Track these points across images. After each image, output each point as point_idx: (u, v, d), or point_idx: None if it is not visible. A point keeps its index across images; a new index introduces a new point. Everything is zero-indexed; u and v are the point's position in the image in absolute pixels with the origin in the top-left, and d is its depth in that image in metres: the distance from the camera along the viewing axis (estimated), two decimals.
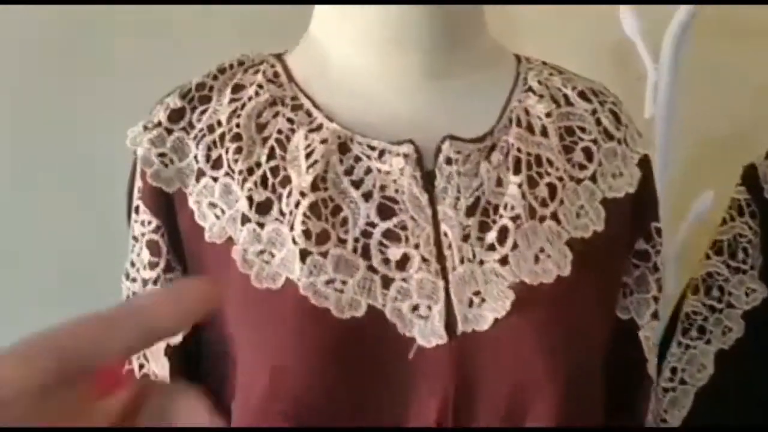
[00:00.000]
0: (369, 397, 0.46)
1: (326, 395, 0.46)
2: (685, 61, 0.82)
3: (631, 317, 0.58)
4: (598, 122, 0.55)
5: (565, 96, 0.55)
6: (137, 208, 0.55)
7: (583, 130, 0.55)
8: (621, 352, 0.56)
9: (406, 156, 0.50)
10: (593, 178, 0.54)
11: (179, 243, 0.53)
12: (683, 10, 0.80)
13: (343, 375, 0.46)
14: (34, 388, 0.23)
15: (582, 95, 0.56)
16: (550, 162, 0.52)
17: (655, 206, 0.58)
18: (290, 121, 0.52)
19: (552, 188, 0.52)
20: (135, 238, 0.55)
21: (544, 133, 0.53)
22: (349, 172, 0.50)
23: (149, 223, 0.53)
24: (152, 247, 0.53)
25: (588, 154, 0.54)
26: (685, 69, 0.83)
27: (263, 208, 0.50)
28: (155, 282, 0.53)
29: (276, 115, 0.53)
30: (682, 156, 0.84)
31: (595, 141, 0.54)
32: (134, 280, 0.56)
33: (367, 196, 0.50)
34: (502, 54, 0.57)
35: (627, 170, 0.55)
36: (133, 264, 0.56)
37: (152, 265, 0.53)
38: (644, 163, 0.57)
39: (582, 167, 0.54)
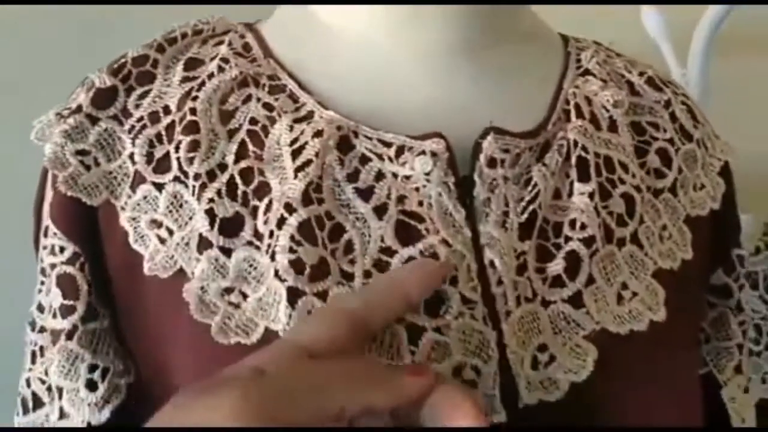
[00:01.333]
0: None
1: None
2: (715, 72, 0.72)
3: (709, 371, 0.45)
4: (673, 118, 0.43)
5: (630, 83, 0.43)
6: (46, 230, 0.39)
7: (655, 126, 0.42)
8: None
9: (433, 155, 0.35)
10: (673, 190, 0.41)
11: (106, 278, 0.37)
12: (714, 7, 0.70)
13: None
14: (337, 346, 0.29)
15: (651, 83, 0.43)
16: (624, 166, 0.39)
17: (738, 228, 0.46)
18: (268, 107, 0.37)
19: (629, 201, 0.38)
20: (44, 272, 0.39)
21: (613, 128, 0.39)
22: (352, 177, 0.36)
23: (62, 250, 0.37)
24: (66, 284, 0.37)
25: (665, 157, 0.41)
26: (715, 81, 0.72)
27: (231, 227, 0.35)
28: (70, 336, 0.37)
29: (248, 99, 0.38)
30: None
31: (671, 141, 0.42)
32: (42, 330, 0.39)
33: (380, 212, 0.35)
34: (546, 29, 0.44)
35: (709, 180, 0.43)
36: (41, 309, 0.40)
37: (66, 311, 0.37)
38: (725, 173, 0.44)
39: (659, 174, 0.41)
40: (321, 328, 0.30)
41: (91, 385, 0.37)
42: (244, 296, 0.34)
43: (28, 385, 0.40)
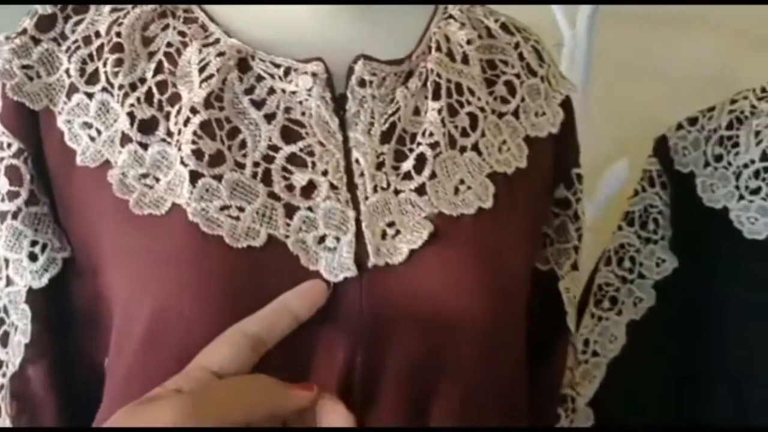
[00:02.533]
0: None
1: (218, 329, 0.39)
2: (602, 35, 0.82)
3: (551, 268, 0.55)
4: (521, 57, 0.52)
5: (488, 28, 0.52)
6: None
7: (505, 63, 0.51)
8: (540, 304, 0.53)
9: (314, 75, 0.44)
10: (516, 114, 0.50)
11: (45, 171, 0.46)
12: None
13: (237, 313, 0.39)
14: (242, 365, 0.37)
15: (504, 27, 0.52)
16: (471, 91, 0.48)
17: (576, 151, 0.56)
18: (182, 34, 0.46)
19: (473, 118, 0.48)
20: None
21: (465, 61, 0.49)
22: (249, 91, 0.44)
23: (9, 145, 0.45)
24: (12, 174, 0.45)
25: (510, 88, 0.51)
26: (603, 43, 0.82)
27: (147, 126, 0.43)
28: (15, 216, 0.45)
29: (165, 27, 0.46)
30: (598, 128, 0.84)
31: (518, 75, 0.51)
32: None
33: (270, 118, 0.44)
34: None
35: (549, 110, 0.52)
36: None
37: (12, 196, 0.45)
38: (566, 105, 0.54)
39: (504, 101, 0.50)
40: (228, 352, 0.37)
41: (33, 257, 0.45)
42: (157, 180, 0.43)
43: None
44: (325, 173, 0.43)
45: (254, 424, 0.35)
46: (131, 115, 0.43)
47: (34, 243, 0.45)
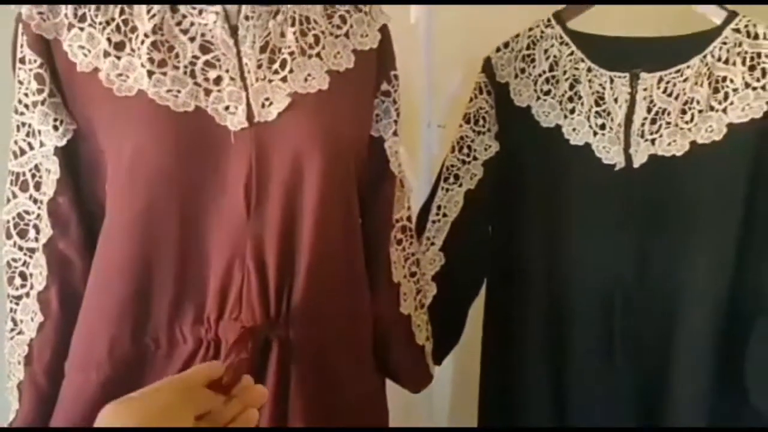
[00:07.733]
0: (198, 164, 0.72)
1: (171, 157, 0.71)
2: None
3: (380, 135, 0.88)
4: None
5: None
6: (22, 58, 0.75)
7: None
8: (373, 159, 0.86)
9: (216, 13, 0.75)
10: (347, 35, 0.82)
11: (58, 77, 0.75)
12: None
13: (182, 149, 0.71)
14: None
15: None
16: (316, 21, 0.79)
17: (393, 59, 0.87)
18: None
19: (316, 38, 0.79)
20: (20, 82, 0.76)
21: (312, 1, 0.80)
22: (178, 24, 0.75)
23: (34, 61, 0.74)
24: (38, 78, 0.75)
25: (342, 19, 0.82)
26: None
27: (119, 46, 0.73)
28: (42, 103, 0.75)
29: None
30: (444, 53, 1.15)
31: (348, 11, 0.82)
32: (22, 113, 0.77)
33: (192, 39, 0.74)
34: None
35: (371, 33, 0.84)
36: (20, 101, 0.77)
37: (39, 92, 0.75)
38: (384, 30, 0.85)
39: (338, 27, 0.81)
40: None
41: (55, 128, 0.75)
42: (127, 77, 0.73)
43: (16, 143, 0.77)
44: (227, 71, 0.74)
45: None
46: (108, 40, 0.73)
47: (55, 119, 0.75)
